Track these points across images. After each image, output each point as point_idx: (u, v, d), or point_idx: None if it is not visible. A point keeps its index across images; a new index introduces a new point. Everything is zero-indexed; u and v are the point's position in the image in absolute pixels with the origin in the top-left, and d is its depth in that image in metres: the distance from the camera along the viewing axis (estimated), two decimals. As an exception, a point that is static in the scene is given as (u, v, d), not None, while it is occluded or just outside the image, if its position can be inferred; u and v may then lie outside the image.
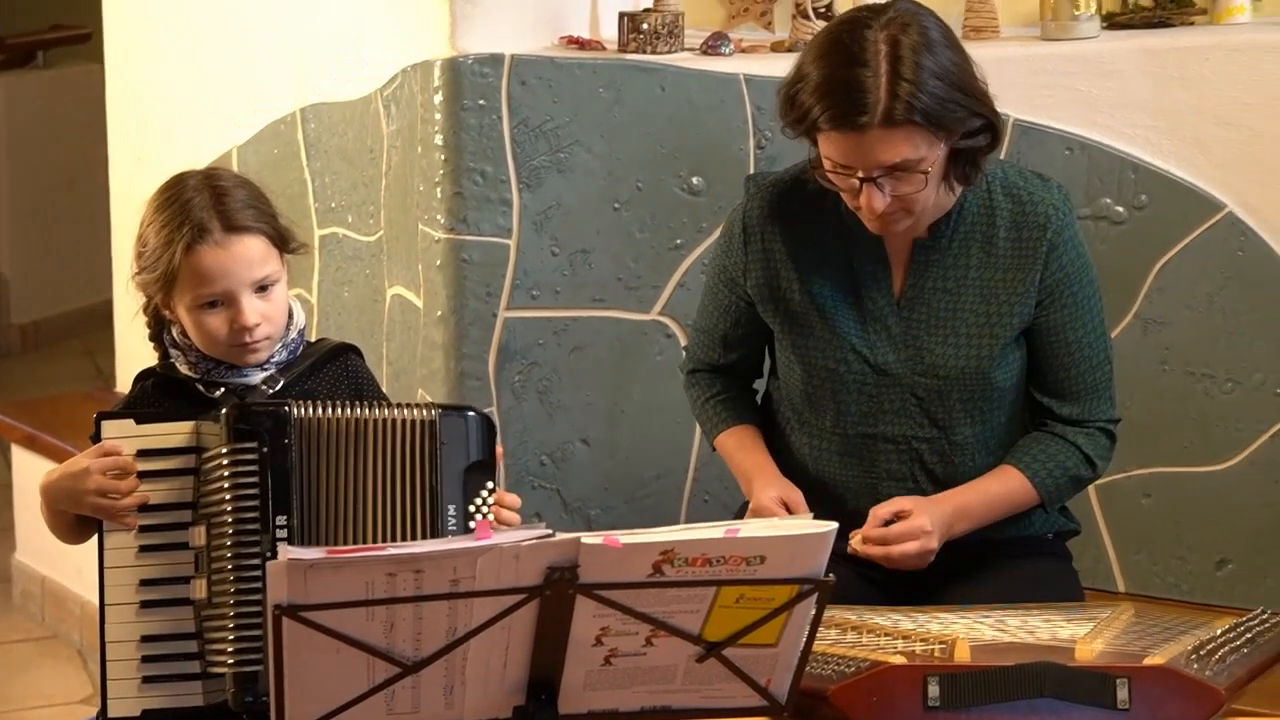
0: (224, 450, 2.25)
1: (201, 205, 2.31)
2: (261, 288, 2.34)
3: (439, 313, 3.27)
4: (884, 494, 2.59)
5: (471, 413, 2.34)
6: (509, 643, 1.86)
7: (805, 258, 2.59)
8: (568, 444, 3.35)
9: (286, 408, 2.27)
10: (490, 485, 2.32)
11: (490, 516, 2.31)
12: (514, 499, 2.37)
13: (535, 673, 1.90)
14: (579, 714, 1.94)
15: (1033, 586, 2.58)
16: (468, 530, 2.29)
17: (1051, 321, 2.56)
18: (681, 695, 1.96)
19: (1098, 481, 3.32)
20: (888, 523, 2.50)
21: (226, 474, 2.25)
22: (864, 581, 2.64)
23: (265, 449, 2.24)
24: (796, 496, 2.56)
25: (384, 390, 2.58)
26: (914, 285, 2.56)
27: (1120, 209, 3.29)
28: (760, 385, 2.82)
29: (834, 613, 2.29)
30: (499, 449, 2.35)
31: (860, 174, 2.41)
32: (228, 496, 2.24)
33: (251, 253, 2.33)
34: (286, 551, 1.75)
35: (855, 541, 2.49)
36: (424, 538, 2.27)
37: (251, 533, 2.23)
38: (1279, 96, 3.18)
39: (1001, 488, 2.58)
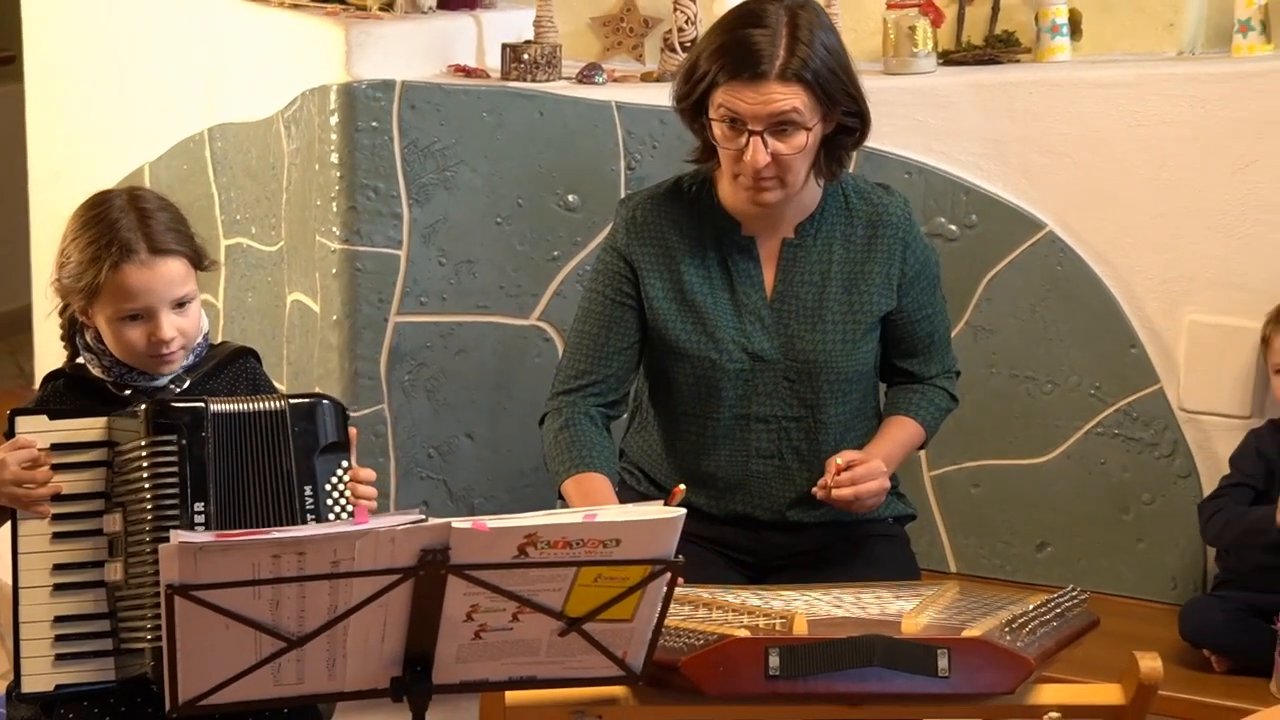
0: (143, 443, 2.22)
1: (128, 226, 2.28)
2: (179, 304, 2.32)
3: (335, 317, 3.25)
4: (753, 470, 2.63)
5: (325, 400, 2.32)
6: (386, 619, 1.86)
7: (686, 257, 2.61)
8: (453, 438, 3.34)
9: (204, 403, 2.25)
10: (345, 464, 2.31)
11: (348, 492, 2.30)
12: (368, 473, 2.35)
13: (411, 647, 1.90)
14: (451, 684, 1.95)
15: (874, 567, 2.62)
16: (325, 508, 2.28)
17: (914, 304, 2.67)
18: (546, 666, 1.97)
19: (933, 473, 3.42)
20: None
21: (146, 464, 2.22)
22: (727, 564, 2.68)
23: (184, 441, 2.22)
24: None
25: (282, 390, 2.56)
26: (784, 280, 2.61)
27: (953, 227, 3.33)
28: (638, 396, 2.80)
29: (689, 591, 2.30)
30: (352, 430, 2.33)
31: (749, 127, 2.44)
32: (147, 485, 2.21)
33: (173, 273, 2.30)
34: (178, 535, 1.74)
35: (822, 490, 2.50)
36: (286, 518, 2.25)
37: (171, 518, 2.20)
38: (1094, 127, 3.22)
39: (904, 433, 2.67)
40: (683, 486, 2.53)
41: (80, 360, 2.38)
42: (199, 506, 2.22)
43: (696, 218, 2.62)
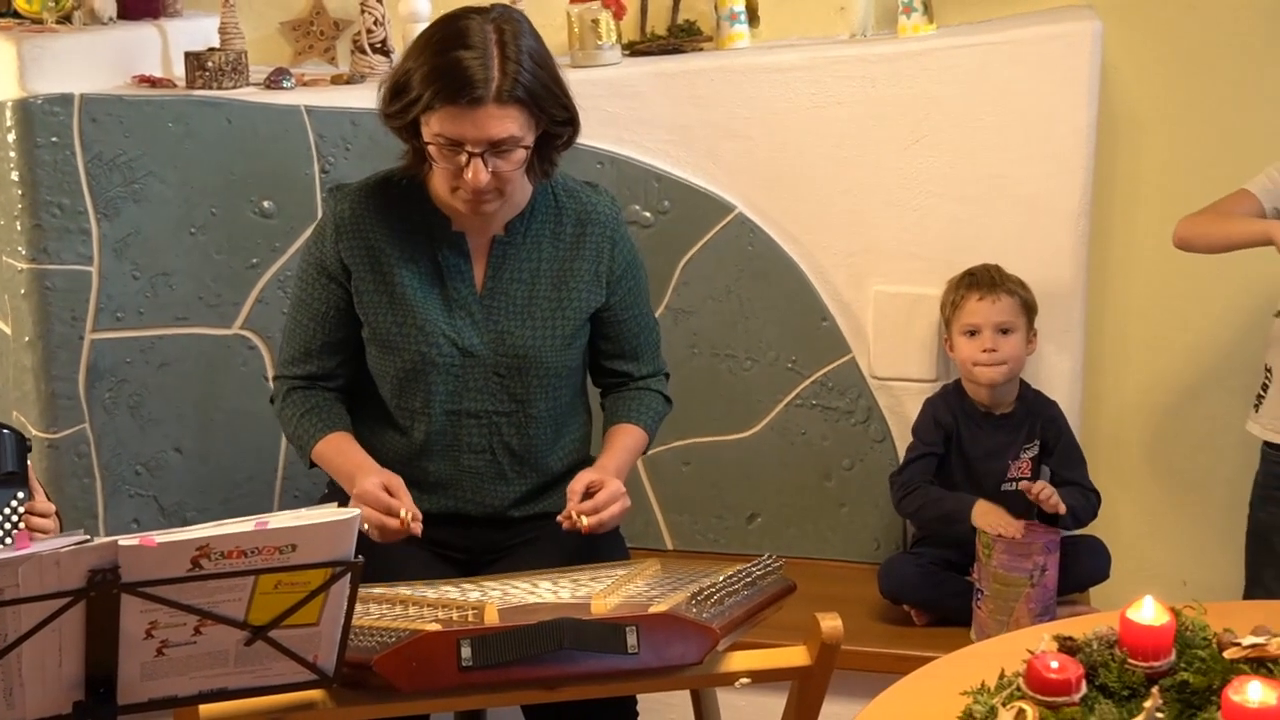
0: None
1: None
2: None
3: (27, 338, 3.15)
4: (465, 465, 2.63)
5: (4, 430, 2.26)
6: (61, 643, 1.81)
7: (396, 252, 2.59)
8: (161, 453, 3.27)
9: None
10: (20, 495, 2.25)
11: (21, 524, 2.24)
12: (46, 505, 2.30)
13: (92, 668, 1.85)
14: (139, 703, 1.90)
15: (584, 552, 2.64)
16: None
17: (622, 302, 2.68)
18: (236, 677, 1.94)
19: (644, 454, 3.45)
20: (585, 496, 2.50)
21: None
22: (439, 560, 2.67)
23: None
24: (396, 481, 2.51)
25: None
26: (494, 276, 2.61)
27: (648, 214, 3.38)
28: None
29: (389, 589, 2.30)
30: (30, 462, 2.28)
31: (469, 149, 2.43)
32: None
33: None
34: None
35: (568, 520, 2.45)
36: None
37: None
38: (773, 110, 3.30)
39: (631, 439, 2.69)
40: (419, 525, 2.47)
41: None
42: None
43: (407, 212, 2.61)
